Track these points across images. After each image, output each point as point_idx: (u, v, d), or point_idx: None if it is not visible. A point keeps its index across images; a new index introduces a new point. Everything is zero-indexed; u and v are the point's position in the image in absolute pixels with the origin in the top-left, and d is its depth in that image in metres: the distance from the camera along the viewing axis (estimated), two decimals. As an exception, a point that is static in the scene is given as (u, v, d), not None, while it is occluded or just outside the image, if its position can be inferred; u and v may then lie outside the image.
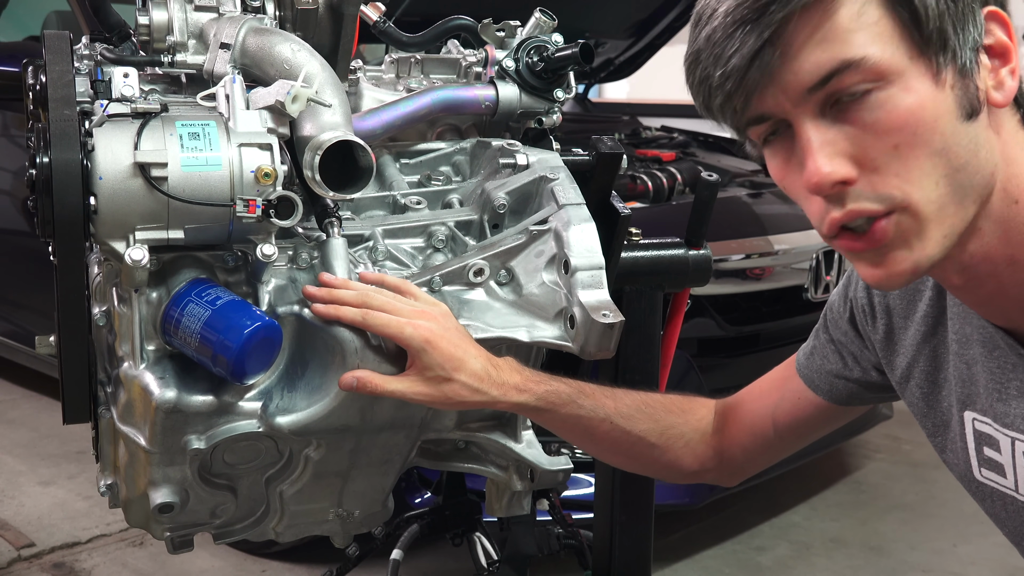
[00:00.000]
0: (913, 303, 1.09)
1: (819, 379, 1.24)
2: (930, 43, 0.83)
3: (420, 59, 1.48)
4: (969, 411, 1.04)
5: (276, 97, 1.10)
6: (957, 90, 0.85)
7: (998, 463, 1.02)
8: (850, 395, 1.22)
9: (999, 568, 2.64)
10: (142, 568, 2.58)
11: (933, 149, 0.84)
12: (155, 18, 1.23)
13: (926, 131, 0.84)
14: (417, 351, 1.12)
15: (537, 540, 1.87)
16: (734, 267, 2.60)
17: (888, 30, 0.83)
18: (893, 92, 0.84)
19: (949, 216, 0.87)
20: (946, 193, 0.86)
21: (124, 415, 1.16)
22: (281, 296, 1.16)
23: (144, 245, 1.05)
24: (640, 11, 3.69)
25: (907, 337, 1.10)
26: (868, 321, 1.16)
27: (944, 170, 0.85)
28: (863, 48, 0.83)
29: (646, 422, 1.28)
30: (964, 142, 0.85)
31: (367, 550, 1.93)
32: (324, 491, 1.30)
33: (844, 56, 0.83)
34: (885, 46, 0.83)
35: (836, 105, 0.85)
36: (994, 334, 0.98)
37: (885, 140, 0.84)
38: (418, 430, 1.27)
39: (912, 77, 0.84)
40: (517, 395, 1.18)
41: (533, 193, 1.29)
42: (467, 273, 1.24)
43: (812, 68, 0.84)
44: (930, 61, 0.84)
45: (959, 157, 0.85)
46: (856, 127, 0.85)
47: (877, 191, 0.85)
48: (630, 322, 1.34)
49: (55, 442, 3.38)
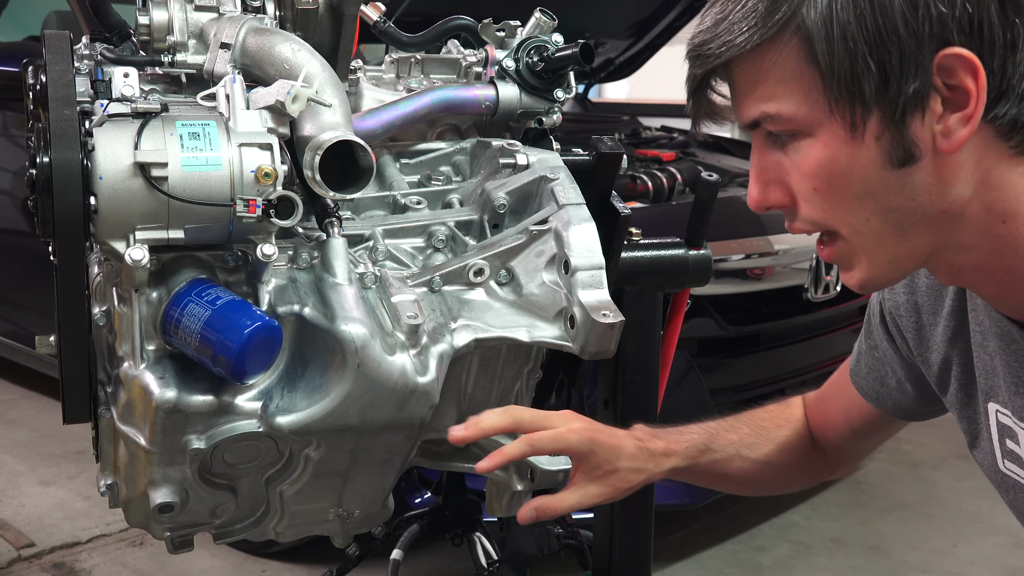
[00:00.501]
0: (940, 299, 1.10)
1: (867, 386, 1.26)
2: (840, 101, 0.85)
3: (420, 59, 1.48)
4: (993, 402, 1.04)
5: (276, 97, 1.10)
6: (885, 140, 0.85)
7: (1018, 455, 1.03)
8: (895, 405, 1.23)
9: (999, 568, 2.64)
10: (142, 568, 2.58)
11: (854, 193, 0.88)
12: (155, 18, 1.22)
13: (841, 180, 0.88)
14: (586, 454, 1.14)
15: (537, 540, 1.87)
16: (734, 267, 2.60)
17: (804, 86, 0.86)
18: (810, 142, 0.88)
19: (890, 246, 0.90)
20: (880, 228, 0.89)
21: (124, 415, 1.16)
22: (281, 296, 1.16)
23: (144, 245, 1.05)
24: (640, 11, 3.70)
25: (937, 333, 1.11)
26: (899, 322, 1.16)
27: (874, 209, 0.88)
28: (779, 103, 0.88)
29: (767, 444, 1.31)
30: (896, 188, 0.87)
31: (367, 550, 1.93)
32: (324, 491, 1.30)
33: (762, 109, 0.89)
34: (800, 102, 0.87)
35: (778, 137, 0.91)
36: (1010, 327, 0.98)
37: (805, 182, 0.90)
38: (418, 430, 1.27)
39: (827, 131, 0.87)
40: (667, 461, 1.21)
41: (533, 193, 1.29)
42: (467, 273, 1.24)
43: (745, 112, 0.92)
44: (844, 117, 0.86)
45: (890, 201, 0.88)
46: (789, 161, 0.91)
47: (807, 217, 0.92)
48: (630, 322, 1.34)
49: (55, 442, 3.38)
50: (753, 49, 0.86)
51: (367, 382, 1.14)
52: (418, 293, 1.23)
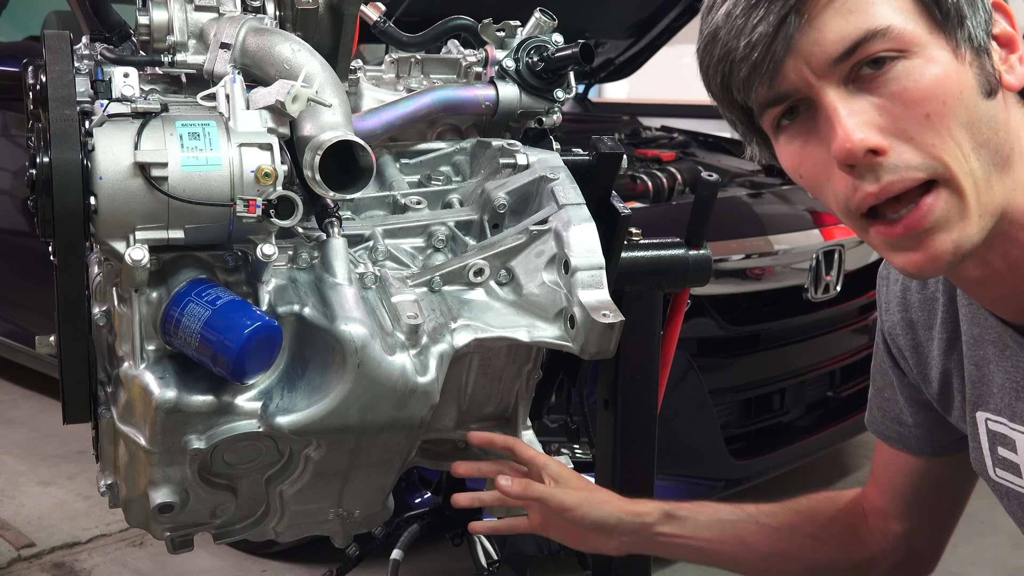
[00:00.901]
0: (933, 312, 1.08)
1: (887, 429, 1.21)
2: (948, 19, 0.84)
3: (420, 59, 1.48)
4: (981, 411, 1.03)
5: (276, 97, 1.10)
6: (975, 67, 0.86)
7: (1013, 463, 1.02)
8: (919, 441, 1.18)
9: (999, 568, 2.64)
10: (142, 568, 2.58)
11: (961, 121, 0.84)
12: (155, 18, 1.22)
13: (954, 101, 0.84)
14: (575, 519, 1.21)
15: (537, 540, 1.87)
16: (734, 267, 2.60)
17: (907, 4, 0.84)
18: (919, 62, 0.84)
19: (983, 193, 0.86)
20: (976, 167, 0.85)
21: (124, 415, 1.16)
22: (281, 296, 1.16)
23: (144, 245, 1.05)
24: (640, 11, 3.70)
25: (933, 348, 1.09)
26: (898, 341, 1.14)
27: (971, 144, 0.85)
28: (886, 18, 0.83)
29: (791, 515, 1.25)
30: (986, 118, 0.86)
31: (367, 550, 1.93)
32: (324, 491, 1.30)
33: (869, 25, 0.83)
34: (907, 18, 0.84)
35: (858, 80, 0.85)
36: (1003, 333, 0.97)
37: (916, 109, 0.83)
38: (418, 430, 1.27)
39: (934, 49, 0.84)
40: (649, 505, 1.22)
41: (533, 193, 1.29)
42: (467, 273, 1.24)
43: (837, 38, 0.84)
44: (949, 36, 0.85)
45: (982, 133, 0.85)
46: (883, 98, 0.84)
47: (913, 160, 0.84)
48: (630, 322, 1.34)
49: (55, 442, 3.38)
50: None
51: (367, 382, 1.14)
52: (418, 293, 1.23)
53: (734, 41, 0.86)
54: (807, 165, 0.90)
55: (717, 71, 0.89)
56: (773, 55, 0.85)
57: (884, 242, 0.88)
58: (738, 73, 0.87)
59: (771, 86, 0.87)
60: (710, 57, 0.89)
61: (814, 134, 0.88)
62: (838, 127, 0.84)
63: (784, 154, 0.92)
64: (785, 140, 0.91)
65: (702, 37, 0.90)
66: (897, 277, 1.13)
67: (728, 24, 0.86)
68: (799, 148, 0.90)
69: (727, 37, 0.87)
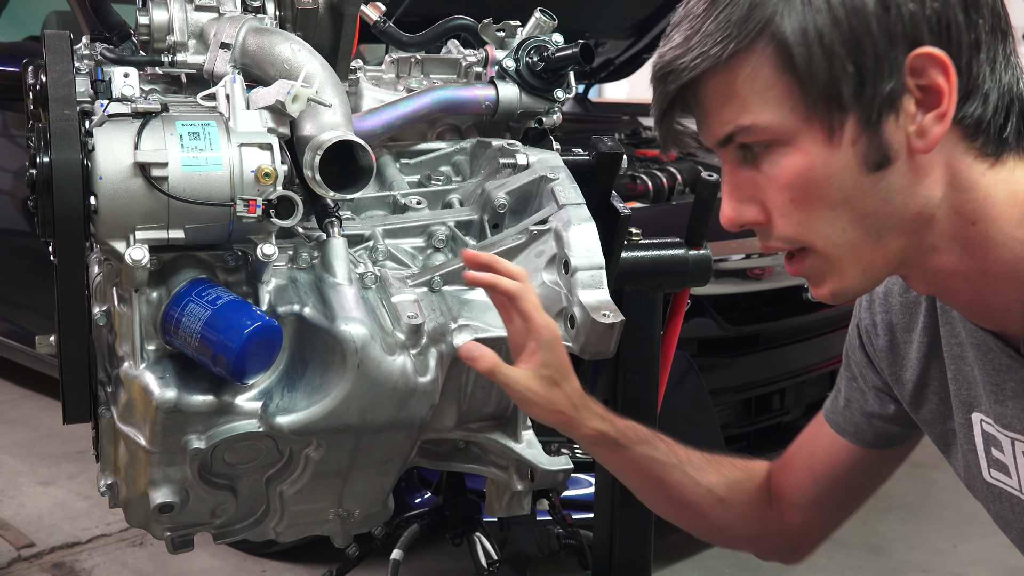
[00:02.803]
0: (914, 316, 1.09)
1: (843, 421, 1.22)
2: (818, 106, 0.85)
3: (420, 59, 1.48)
4: (976, 412, 1.04)
5: (276, 97, 1.10)
6: (861, 144, 0.86)
7: (1003, 463, 1.02)
8: (875, 435, 1.20)
9: (999, 568, 2.64)
10: (142, 568, 2.58)
11: (831, 202, 0.88)
12: (155, 18, 1.23)
13: (819, 188, 0.88)
14: (546, 343, 1.12)
15: (537, 540, 1.87)
16: (734, 267, 2.60)
17: (781, 94, 0.86)
18: (786, 152, 0.88)
19: (865, 255, 0.90)
20: (856, 236, 0.89)
21: (124, 415, 1.16)
22: (281, 296, 1.16)
23: (144, 245, 1.05)
24: (640, 11, 3.69)
25: (912, 351, 1.10)
26: (873, 340, 1.15)
27: (849, 217, 0.88)
28: (755, 114, 0.87)
29: (715, 475, 1.27)
30: (871, 192, 0.87)
31: (367, 550, 1.93)
32: (324, 491, 1.30)
33: (737, 121, 0.88)
34: (777, 111, 0.87)
35: (751, 151, 0.90)
36: (985, 337, 0.98)
37: (782, 194, 0.89)
38: (418, 430, 1.27)
39: (805, 138, 0.87)
40: (600, 422, 1.18)
41: (533, 193, 1.29)
42: (467, 273, 1.24)
43: (717, 127, 0.90)
44: (823, 122, 0.86)
45: (865, 206, 0.88)
46: (763, 175, 0.90)
47: (782, 234, 0.92)
48: (630, 322, 1.34)
49: (55, 442, 3.38)
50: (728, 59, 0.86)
51: (367, 382, 1.14)
52: (418, 293, 1.23)
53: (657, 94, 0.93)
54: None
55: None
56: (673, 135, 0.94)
57: None
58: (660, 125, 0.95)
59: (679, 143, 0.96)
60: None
61: None
62: (723, 201, 0.94)
63: None
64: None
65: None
66: None
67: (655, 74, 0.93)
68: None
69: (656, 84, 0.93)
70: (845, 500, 1.28)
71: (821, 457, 1.25)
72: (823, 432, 1.25)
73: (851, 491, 1.27)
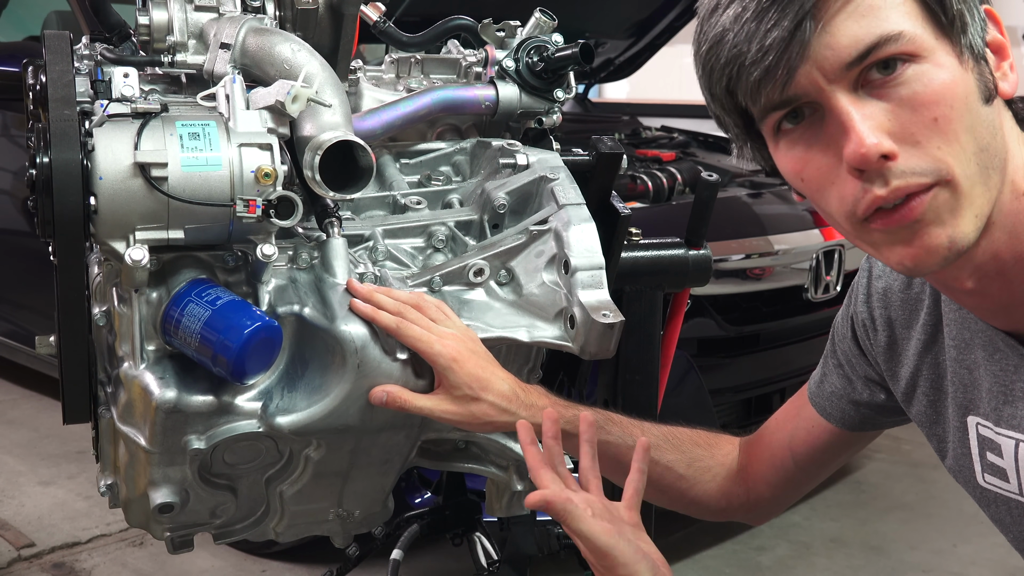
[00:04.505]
0: (915, 312, 1.09)
1: (830, 406, 1.23)
2: (953, 26, 0.86)
3: (420, 59, 1.48)
4: (972, 416, 1.04)
5: (276, 97, 1.10)
6: (975, 73, 0.87)
7: (1000, 468, 1.02)
8: (862, 420, 1.21)
9: (999, 568, 2.64)
10: (142, 568, 2.58)
11: (965, 125, 0.85)
12: (155, 18, 1.22)
13: (960, 106, 0.85)
14: (443, 369, 1.14)
15: (537, 540, 1.87)
16: (734, 267, 2.61)
17: (915, 10, 0.85)
18: (928, 67, 0.85)
19: (979, 196, 0.87)
20: (976, 172, 0.86)
21: (124, 415, 1.16)
22: (281, 296, 1.16)
23: (144, 245, 1.05)
24: (640, 11, 3.69)
25: (909, 348, 1.10)
26: (870, 335, 1.15)
27: (973, 148, 0.86)
28: (898, 24, 0.84)
29: (673, 452, 1.28)
30: (986, 123, 0.87)
31: (367, 550, 1.93)
32: (324, 491, 1.30)
33: (882, 30, 0.83)
34: (915, 24, 0.85)
35: (867, 85, 0.85)
36: (994, 336, 0.98)
37: (924, 114, 0.84)
38: (418, 430, 1.27)
39: (942, 55, 0.85)
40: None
41: (533, 193, 1.29)
42: (467, 273, 1.24)
43: (851, 42, 0.84)
44: (953, 43, 0.86)
45: (983, 137, 0.86)
46: (892, 103, 0.85)
47: (917, 165, 0.84)
48: (630, 322, 1.34)
49: (55, 442, 3.38)
50: None
51: (367, 382, 1.14)
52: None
53: (745, 45, 0.85)
54: (810, 169, 0.90)
55: (723, 74, 0.89)
56: (788, 60, 0.85)
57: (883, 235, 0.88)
58: (747, 77, 0.87)
59: (782, 91, 0.87)
60: (716, 59, 0.88)
61: (819, 138, 0.88)
62: (852, 132, 0.84)
63: (785, 159, 0.92)
64: (786, 144, 0.91)
65: (706, 39, 0.89)
66: (880, 273, 1.13)
67: (737, 27, 0.86)
68: (802, 153, 0.90)
69: (736, 40, 0.86)
70: (817, 474, 1.31)
71: (803, 437, 1.27)
72: (806, 413, 1.26)
73: (826, 467, 1.30)
